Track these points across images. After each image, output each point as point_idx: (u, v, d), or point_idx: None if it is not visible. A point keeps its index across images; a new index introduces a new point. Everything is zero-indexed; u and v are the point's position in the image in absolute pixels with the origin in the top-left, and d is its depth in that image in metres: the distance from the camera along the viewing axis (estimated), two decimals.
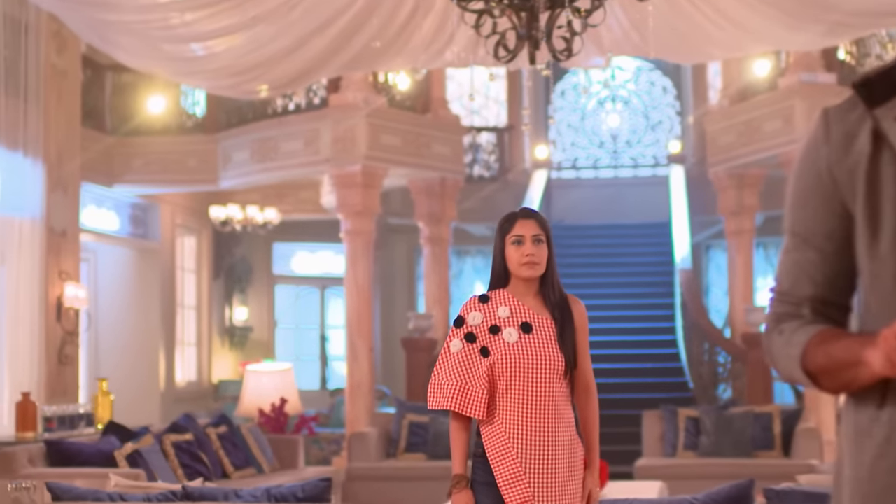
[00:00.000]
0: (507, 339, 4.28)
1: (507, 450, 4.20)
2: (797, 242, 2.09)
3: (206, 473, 8.40)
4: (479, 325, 4.32)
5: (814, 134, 2.06)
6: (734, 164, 14.66)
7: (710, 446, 10.63)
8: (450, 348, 4.33)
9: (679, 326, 16.04)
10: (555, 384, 4.29)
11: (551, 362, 4.28)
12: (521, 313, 4.35)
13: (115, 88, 15.05)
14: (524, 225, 4.38)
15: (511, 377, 4.24)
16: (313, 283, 19.97)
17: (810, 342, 1.99)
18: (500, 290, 4.41)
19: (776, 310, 2.11)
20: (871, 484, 1.95)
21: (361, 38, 8.77)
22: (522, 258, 4.33)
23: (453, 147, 15.00)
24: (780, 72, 13.86)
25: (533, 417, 4.23)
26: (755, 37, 9.67)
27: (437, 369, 4.34)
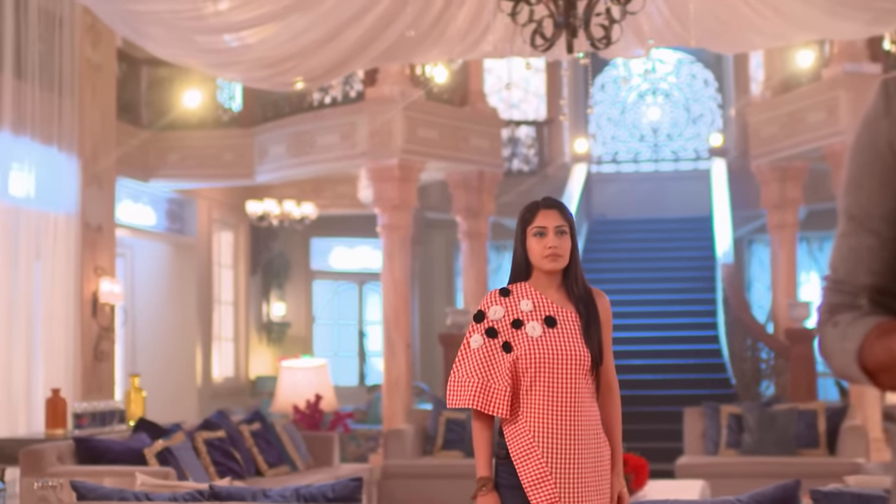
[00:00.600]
0: (531, 333, 4.12)
1: (532, 449, 4.03)
2: (854, 226, 1.91)
3: (238, 471, 8.27)
4: (500, 319, 4.15)
5: (873, 107, 1.89)
6: (777, 156, 14.44)
7: (752, 444, 10.42)
8: (470, 344, 4.16)
9: (721, 322, 15.84)
10: (580, 380, 4.12)
11: (577, 357, 4.11)
12: (545, 307, 4.19)
13: (151, 82, 14.99)
14: (546, 215, 4.21)
15: (535, 373, 4.08)
16: (351, 278, 19.86)
17: (868, 336, 1.81)
18: (521, 283, 4.25)
19: (830, 300, 1.93)
20: None
21: (396, 29, 8.62)
22: (545, 250, 4.18)
23: (491, 140, 14.84)
24: (823, 62, 13.63)
25: (558, 415, 4.06)
26: (798, 25, 9.44)
27: (457, 366, 4.17)
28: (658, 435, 12.69)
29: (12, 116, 10.66)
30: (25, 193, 10.96)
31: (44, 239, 11.23)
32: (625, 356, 14.67)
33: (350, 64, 9.21)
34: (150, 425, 7.79)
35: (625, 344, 15.04)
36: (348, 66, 9.27)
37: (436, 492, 10.40)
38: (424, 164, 13.80)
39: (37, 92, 11.06)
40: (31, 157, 10.99)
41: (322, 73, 9.31)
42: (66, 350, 11.30)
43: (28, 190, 10.99)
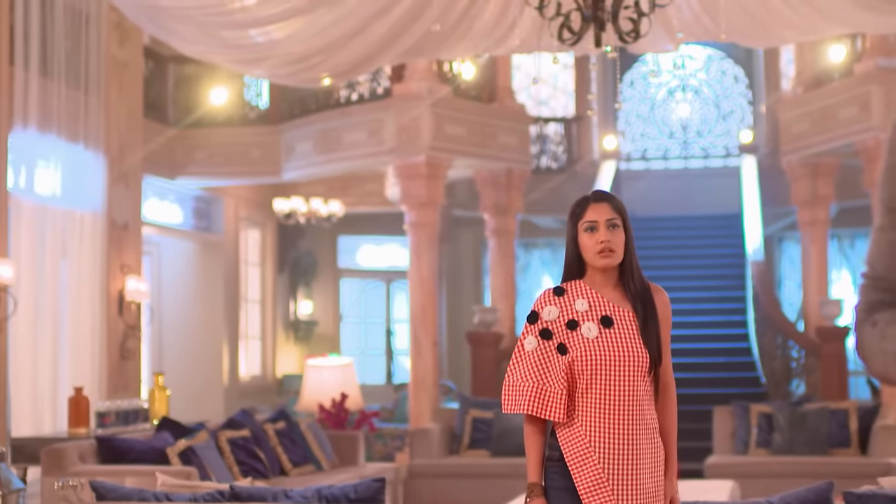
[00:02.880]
0: (587, 334, 3.95)
1: (589, 454, 3.87)
2: (893, 220, 1.82)
3: (262, 470, 8.21)
4: (555, 320, 3.98)
5: None
6: (808, 152, 14.32)
7: (783, 444, 10.29)
8: (524, 346, 3.99)
9: (751, 320, 15.73)
10: (639, 382, 3.95)
11: (635, 359, 3.94)
12: (601, 306, 4.01)
13: (178, 80, 14.98)
14: (597, 209, 4.00)
15: (591, 376, 3.91)
16: (379, 276, 19.82)
17: None
18: (576, 282, 4.07)
19: (868, 297, 1.83)
20: None
21: (423, 24, 8.54)
22: (597, 246, 3.98)
23: (520, 137, 14.75)
24: (856, 57, 13.50)
25: (615, 419, 3.89)
26: (831, 18, 9.32)
27: (511, 370, 4.00)
28: (687, 434, 12.55)
29: (38, 114, 10.63)
30: (52, 191, 10.94)
31: (70, 237, 11.21)
32: None
33: (376, 59, 9.14)
34: (174, 424, 7.73)
35: None
36: (375, 61, 9.19)
37: (462, 491, 10.31)
38: (452, 162, 13.74)
39: (63, 89, 11.03)
40: (57, 155, 10.96)
41: (348, 69, 9.24)
42: (91, 348, 11.27)
43: (54, 188, 10.96)
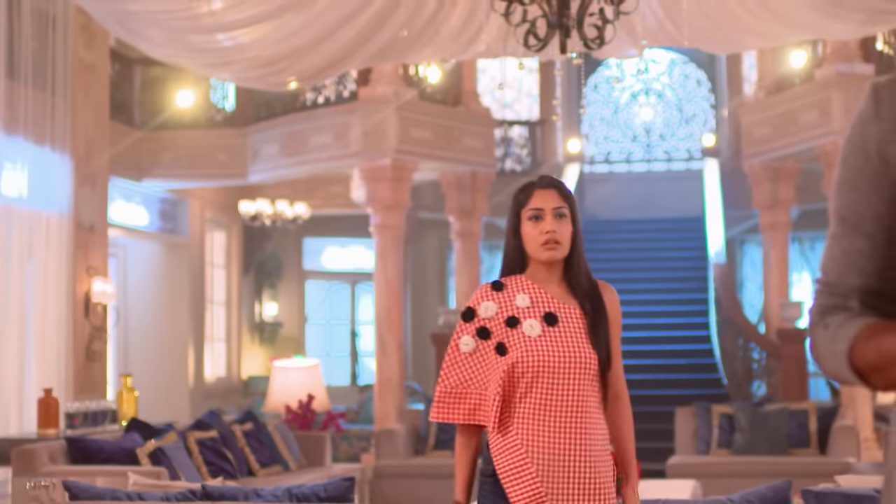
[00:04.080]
0: (529, 332, 3.57)
1: (524, 467, 3.49)
2: (845, 229, 1.93)
3: (230, 471, 8.28)
4: (493, 317, 3.62)
5: (863, 111, 1.91)
6: (769, 156, 14.49)
7: (744, 444, 10.44)
8: (459, 347, 3.64)
9: (713, 322, 15.90)
10: (585, 387, 3.58)
11: (582, 360, 3.58)
12: (544, 302, 3.65)
13: (144, 82, 15.01)
14: (543, 196, 3.66)
15: (533, 379, 3.54)
16: (344, 278, 19.88)
17: (859, 337, 1.82)
18: (516, 276, 3.71)
19: (822, 302, 1.94)
20: None
21: (390, 29, 8.63)
22: (541, 236, 3.63)
23: (485, 140, 14.87)
24: (816, 62, 13.67)
25: (558, 427, 3.52)
26: (791, 25, 9.47)
27: (445, 374, 3.64)
28: (649, 435, 12.71)
29: (5, 116, 10.66)
30: (18, 193, 10.96)
31: (36, 238, 11.23)
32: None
33: (343, 64, 9.22)
34: (143, 425, 7.80)
35: None
36: (342, 65, 9.28)
37: (427, 492, 10.40)
38: (417, 165, 13.83)
39: (30, 91, 11.05)
40: (23, 157, 10.99)
41: (315, 73, 9.32)
42: (58, 350, 11.30)
43: (21, 189, 10.99)
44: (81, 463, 7.08)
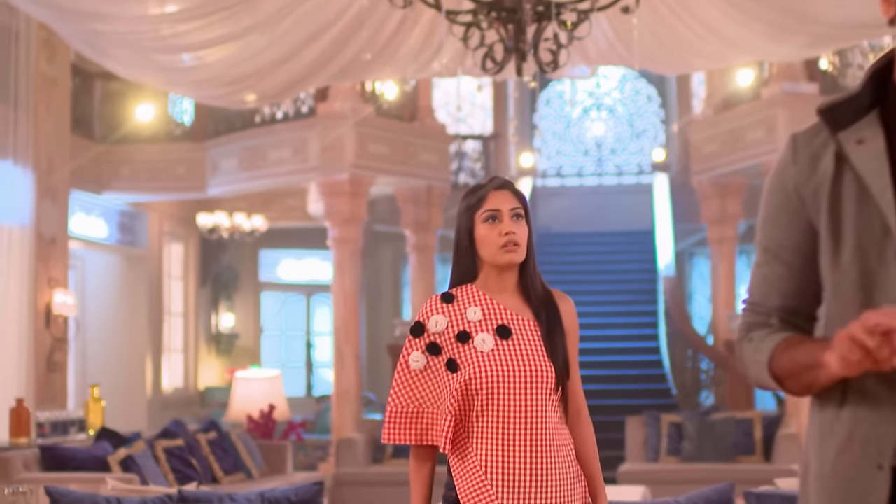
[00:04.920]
0: (481, 347, 3.39)
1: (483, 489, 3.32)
2: (768, 257, 2.25)
3: (196, 478, 8.51)
4: (443, 331, 3.44)
5: (782, 157, 2.24)
6: (717, 172, 14.83)
7: (692, 451, 10.78)
8: (409, 364, 3.45)
9: (662, 333, 16.21)
10: (544, 402, 3.39)
11: (539, 374, 3.39)
12: (497, 314, 3.45)
13: (104, 96, 15.17)
14: (499, 197, 3.47)
15: (488, 396, 3.35)
16: (299, 290, 20.09)
17: (777, 348, 2.15)
18: (467, 287, 3.51)
19: (747, 319, 2.27)
20: (835, 478, 2.12)
21: (351, 50, 8.90)
22: (500, 238, 3.43)
23: (440, 155, 15.15)
24: (763, 81, 14.03)
25: (519, 445, 3.33)
26: (738, 48, 9.82)
27: (396, 393, 3.46)
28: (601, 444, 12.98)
29: None
30: None
31: None
32: None
33: (306, 83, 9.49)
34: (112, 434, 8.03)
35: None
36: (303, 84, 9.55)
37: (386, 499, 10.66)
38: (374, 179, 14.09)
39: None
40: None
41: (278, 92, 9.58)
42: (19, 361, 11.45)
43: None
44: (54, 470, 7.30)
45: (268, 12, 8.23)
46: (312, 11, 8.29)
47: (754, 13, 8.96)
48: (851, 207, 2.10)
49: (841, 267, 2.13)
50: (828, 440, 2.15)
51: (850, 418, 2.11)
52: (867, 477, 2.07)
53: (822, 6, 8.51)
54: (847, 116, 2.15)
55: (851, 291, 2.11)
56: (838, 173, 2.14)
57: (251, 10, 8.22)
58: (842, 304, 2.11)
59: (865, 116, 2.14)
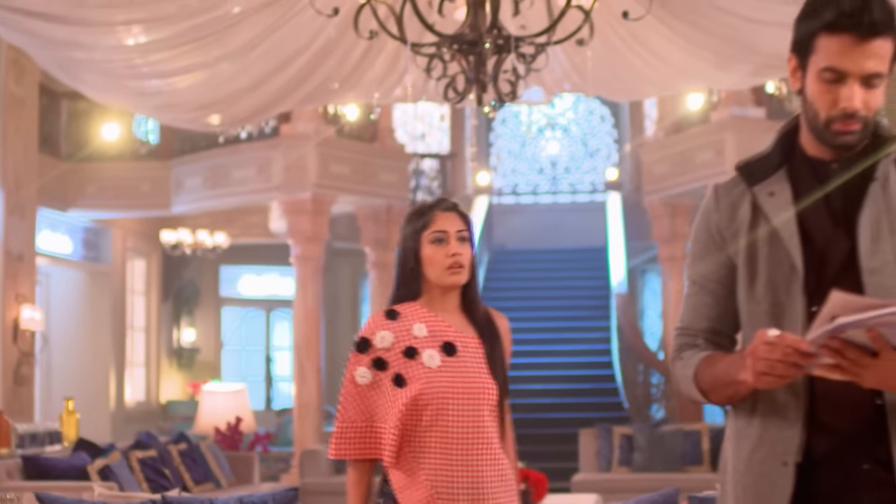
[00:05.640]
0: (429, 363, 3.46)
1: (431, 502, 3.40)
2: (696, 289, 2.71)
3: (168, 487, 8.84)
4: (389, 347, 3.48)
5: (706, 204, 2.70)
6: (668, 193, 15.23)
7: (642, 462, 11.21)
8: (355, 379, 3.50)
9: (615, 348, 16.61)
10: (488, 418, 3.48)
11: (484, 391, 3.48)
12: (442, 331, 3.52)
13: (71, 115, 15.43)
14: (446, 219, 3.55)
15: (437, 411, 3.42)
16: (259, 305, 20.41)
17: (700, 365, 2.60)
18: (410, 304, 3.58)
19: (678, 342, 2.73)
20: (749, 474, 2.55)
21: (318, 77, 9.28)
22: (447, 259, 3.51)
23: (400, 175, 15.54)
24: (712, 106, 14.48)
25: (465, 460, 3.42)
26: (686, 76, 10.28)
27: (343, 408, 3.51)
28: (555, 456, 13.41)
29: None
30: None
31: None
32: (524, 381, 15.40)
33: (273, 108, 9.87)
34: (89, 445, 8.36)
35: (524, 369, 15.77)
36: (272, 110, 9.92)
37: None
38: (336, 198, 14.47)
39: None
40: None
41: (245, 117, 9.95)
42: None
43: None
44: (36, 479, 7.63)
45: (238, 43, 8.59)
46: (282, 42, 8.67)
47: (702, 43, 9.40)
48: (764, 249, 2.56)
49: (755, 298, 2.58)
50: (742, 442, 2.58)
51: (761, 423, 2.53)
52: (775, 472, 2.50)
53: (763, 37, 8.95)
54: (760, 172, 2.60)
55: (763, 319, 2.55)
56: (754, 220, 2.59)
57: (221, 41, 8.58)
58: (755, 329, 2.53)
59: (776, 173, 2.59)
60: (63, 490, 6.96)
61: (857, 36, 2.40)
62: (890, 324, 2.23)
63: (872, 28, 2.40)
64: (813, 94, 2.49)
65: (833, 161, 2.55)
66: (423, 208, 3.59)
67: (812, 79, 2.48)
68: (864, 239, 2.49)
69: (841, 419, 2.47)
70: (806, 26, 2.47)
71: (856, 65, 2.42)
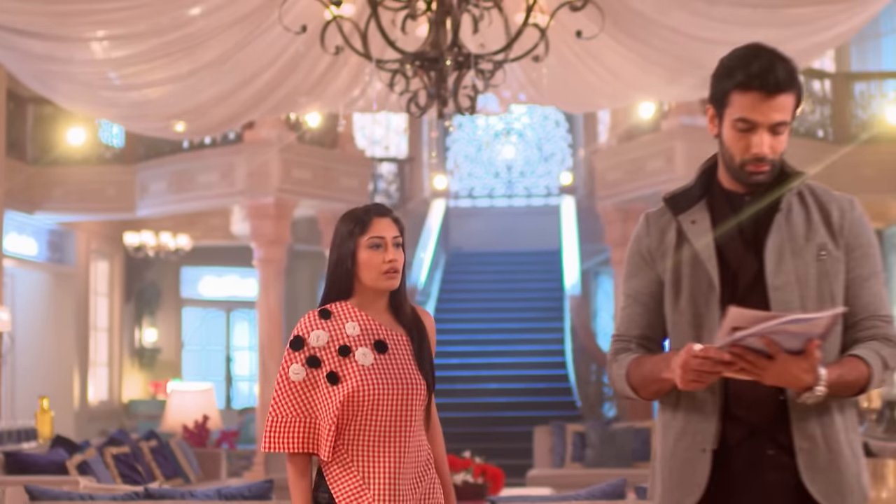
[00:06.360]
0: (362, 361, 3.60)
1: (362, 494, 3.56)
2: (629, 301, 3.20)
3: (140, 482, 9.22)
4: (324, 346, 3.61)
5: (639, 230, 3.21)
6: (620, 199, 15.63)
7: (594, 458, 11.68)
8: (288, 377, 3.60)
9: (569, 349, 17.04)
10: (416, 413, 3.65)
11: (414, 387, 3.64)
12: (373, 330, 3.67)
13: (37, 120, 15.70)
14: (383, 225, 3.68)
15: (372, 407, 3.57)
16: (219, 305, 20.71)
17: (630, 365, 3.09)
18: (342, 303, 3.70)
19: (614, 346, 3.21)
20: (673, 459, 3.05)
21: (285, 88, 9.67)
22: (384, 265, 3.65)
23: (360, 180, 15.92)
24: (663, 115, 14.90)
25: (396, 454, 3.60)
26: (637, 89, 10.73)
27: (276, 403, 3.62)
28: (512, 452, 13.84)
29: None
30: None
31: None
32: (480, 381, 15.85)
33: (242, 118, 10.25)
34: (66, 441, 8.72)
35: (480, 369, 16.22)
36: (240, 119, 10.31)
37: None
38: (298, 202, 14.85)
39: None
40: None
41: (215, 126, 10.33)
42: None
43: None
44: (17, 474, 7.97)
45: (208, 58, 8.98)
46: (251, 56, 9.06)
47: (652, 59, 9.86)
48: (687, 268, 3.06)
49: (679, 309, 3.07)
50: (668, 433, 3.08)
51: (684, 417, 3.03)
52: (695, 458, 3.00)
53: (708, 54, 9.41)
54: (684, 203, 3.11)
55: (686, 328, 3.05)
56: (679, 244, 3.09)
57: (193, 55, 8.96)
58: (679, 336, 3.06)
59: (697, 204, 3.11)
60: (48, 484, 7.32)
61: (765, 93, 2.91)
62: (781, 332, 2.72)
63: (777, 86, 2.91)
64: (728, 140, 2.99)
65: (746, 194, 3.07)
66: (359, 213, 3.71)
67: (727, 127, 2.98)
68: (770, 261, 3.00)
69: (750, 413, 2.98)
70: (722, 84, 2.97)
71: (764, 116, 2.94)
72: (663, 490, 3.08)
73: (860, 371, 2.92)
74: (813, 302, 2.97)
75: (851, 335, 3.02)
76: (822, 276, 3.00)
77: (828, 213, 3.06)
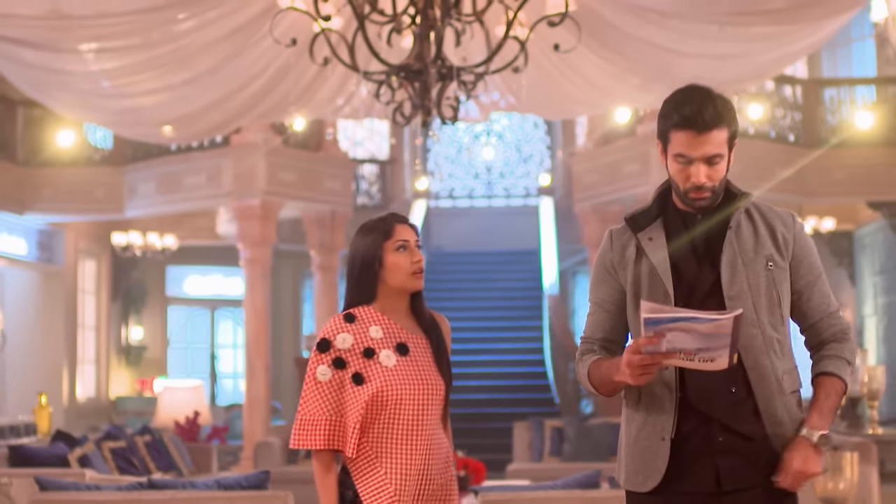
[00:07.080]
0: (386, 363, 3.77)
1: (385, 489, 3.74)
2: (595, 308, 3.63)
3: (136, 475, 9.58)
4: (349, 348, 3.78)
5: (604, 245, 3.64)
6: (597, 200, 15.96)
7: (571, 452, 12.08)
8: (316, 377, 3.77)
9: (547, 346, 17.43)
10: (436, 413, 3.84)
11: (434, 388, 3.82)
12: (395, 333, 3.84)
13: (27, 122, 15.97)
14: (405, 230, 3.88)
15: (397, 407, 3.75)
16: (204, 304, 21.01)
17: (591, 366, 3.52)
18: (365, 307, 3.87)
19: (581, 348, 3.63)
20: (636, 447, 3.50)
21: (273, 98, 10.05)
22: (413, 266, 3.84)
23: (343, 182, 16.27)
24: (638, 119, 15.25)
25: (418, 452, 3.77)
26: (612, 97, 11.14)
27: (304, 403, 3.79)
28: (492, 447, 14.20)
29: None
30: None
31: None
32: (463, 378, 16.19)
33: (231, 124, 10.64)
34: (66, 436, 9.09)
35: (462, 367, 16.56)
36: (229, 125, 10.69)
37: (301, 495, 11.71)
38: (284, 204, 15.20)
39: None
40: None
41: (206, 131, 10.70)
42: None
43: None
44: (21, 467, 8.33)
45: (200, 69, 9.35)
46: (241, 66, 9.43)
47: (626, 68, 10.27)
48: (646, 280, 3.50)
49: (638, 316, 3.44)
50: (631, 424, 3.52)
51: (645, 409, 3.47)
52: (656, 445, 3.44)
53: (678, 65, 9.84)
54: (642, 222, 3.55)
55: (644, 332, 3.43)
56: (638, 258, 3.52)
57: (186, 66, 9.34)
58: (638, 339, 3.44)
59: (654, 222, 3.54)
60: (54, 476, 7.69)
61: (696, 132, 3.34)
62: (692, 331, 3.13)
63: (705, 125, 3.35)
64: (672, 171, 3.46)
65: (697, 213, 3.50)
66: (385, 219, 3.89)
67: (671, 160, 3.45)
68: (725, 273, 3.45)
69: (704, 404, 3.41)
70: (663, 123, 3.44)
71: (698, 151, 3.39)
72: (627, 474, 3.52)
73: (838, 388, 3.45)
74: (763, 307, 3.43)
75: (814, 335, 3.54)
76: (769, 284, 3.46)
77: (773, 228, 3.51)
